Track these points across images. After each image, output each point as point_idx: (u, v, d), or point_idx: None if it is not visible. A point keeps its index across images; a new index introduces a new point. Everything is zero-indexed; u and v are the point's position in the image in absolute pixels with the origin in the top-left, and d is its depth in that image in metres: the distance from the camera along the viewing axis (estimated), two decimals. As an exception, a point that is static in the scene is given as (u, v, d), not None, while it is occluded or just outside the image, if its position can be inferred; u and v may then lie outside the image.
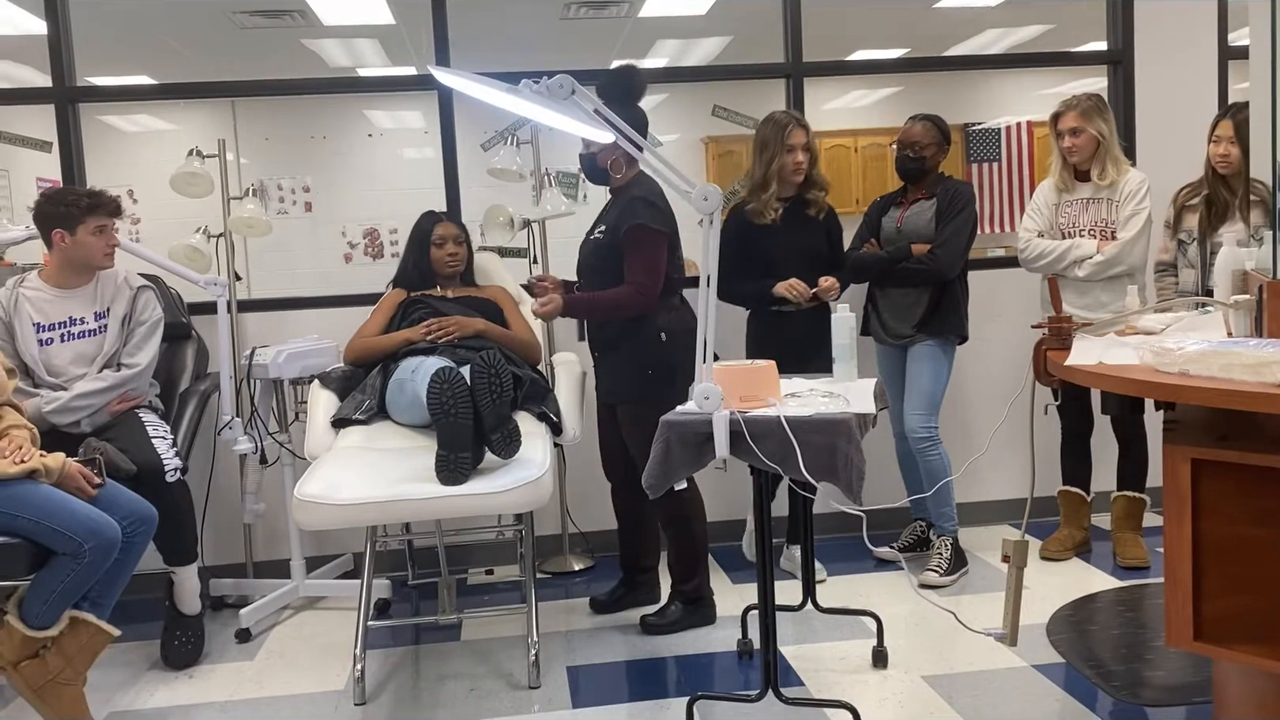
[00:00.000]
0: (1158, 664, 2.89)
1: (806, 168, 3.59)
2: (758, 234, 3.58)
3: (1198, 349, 1.85)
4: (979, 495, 4.29)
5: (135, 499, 2.84)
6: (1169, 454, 1.90)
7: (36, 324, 3.23)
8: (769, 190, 3.56)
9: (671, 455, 2.43)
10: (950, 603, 3.38)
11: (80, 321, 3.28)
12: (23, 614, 2.66)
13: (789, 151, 3.53)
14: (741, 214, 3.63)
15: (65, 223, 3.20)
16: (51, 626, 2.68)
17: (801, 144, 3.55)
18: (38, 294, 3.28)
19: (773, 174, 3.55)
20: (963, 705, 2.70)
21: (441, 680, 3.06)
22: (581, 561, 4.08)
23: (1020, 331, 4.05)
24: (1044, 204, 3.73)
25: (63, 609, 2.69)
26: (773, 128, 3.57)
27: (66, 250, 3.23)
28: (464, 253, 3.66)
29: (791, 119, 3.58)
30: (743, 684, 2.94)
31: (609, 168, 3.30)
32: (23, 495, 2.59)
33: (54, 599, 2.65)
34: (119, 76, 6.59)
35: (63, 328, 3.26)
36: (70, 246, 3.22)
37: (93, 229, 3.22)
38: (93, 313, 3.30)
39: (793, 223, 3.60)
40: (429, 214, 3.70)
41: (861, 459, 2.35)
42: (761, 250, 3.58)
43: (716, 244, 2.40)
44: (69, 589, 2.65)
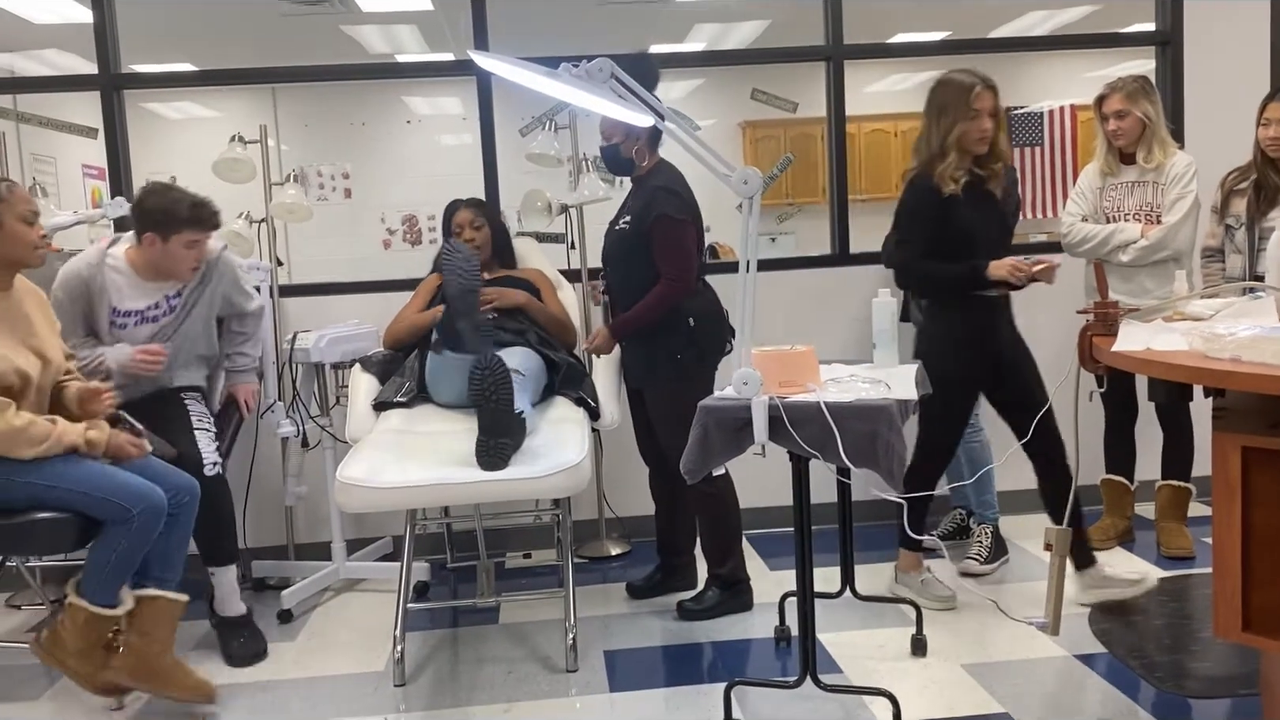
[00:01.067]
0: (1203, 655, 2.84)
1: (993, 135, 3.18)
2: (949, 207, 3.16)
3: (1249, 335, 1.81)
4: (1020, 483, 4.20)
5: (175, 471, 2.87)
6: (1219, 442, 1.87)
7: (114, 308, 3.17)
8: (947, 160, 3.14)
9: (710, 440, 2.42)
10: (990, 591, 3.35)
11: (155, 307, 3.22)
12: (82, 593, 2.67)
13: (974, 118, 3.12)
14: (926, 184, 3.17)
15: (162, 228, 3.10)
16: (116, 605, 2.68)
17: (989, 109, 3.14)
18: (120, 276, 3.19)
19: (952, 143, 3.13)
20: (1003, 694, 2.68)
21: (480, 663, 3.08)
22: (619, 546, 4.09)
23: (1065, 317, 3.99)
24: (1088, 188, 3.67)
25: (120, 583, 2.69)
26: (955, 90, 3.15)
27: (154, 254, 3.15)
28: (483, 236, 3.65)
29: (977, 80, 3.15)
30: (780, 671, 2.93)
31: (634, 156, 3.30)
32: (70, 469, 2.62)
33: (109, 572, 2.66)
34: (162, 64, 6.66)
35: (138, 314, 3.21)
36: (159, 252, 3.13)
37: (186, 241, 3.13)
38: (165, 297, 3.23)
39: (976, 195, 3.20)
40: (451, 203, 3.74)
41: (903, 445, 2.33)
42: (958, 226, 3.17)
43: (756, 228, 2.38)
44: (122, 560, 2.65)
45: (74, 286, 3.14)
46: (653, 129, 3.17)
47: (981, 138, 3.13)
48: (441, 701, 2.84)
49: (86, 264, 3.17)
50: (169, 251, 3.12)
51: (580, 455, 2.85)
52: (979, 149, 3.16)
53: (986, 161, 3.19)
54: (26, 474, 2.59)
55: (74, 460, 2.65)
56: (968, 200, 3.14)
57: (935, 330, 3.29)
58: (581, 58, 2.41)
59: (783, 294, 4.11)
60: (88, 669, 2.69)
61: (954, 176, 3.12)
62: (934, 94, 3.21)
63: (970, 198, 3.15)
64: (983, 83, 3.15)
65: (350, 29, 6.95)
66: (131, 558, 2.68)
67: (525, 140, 4.18)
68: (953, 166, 3.12)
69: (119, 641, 2.69)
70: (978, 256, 3.13)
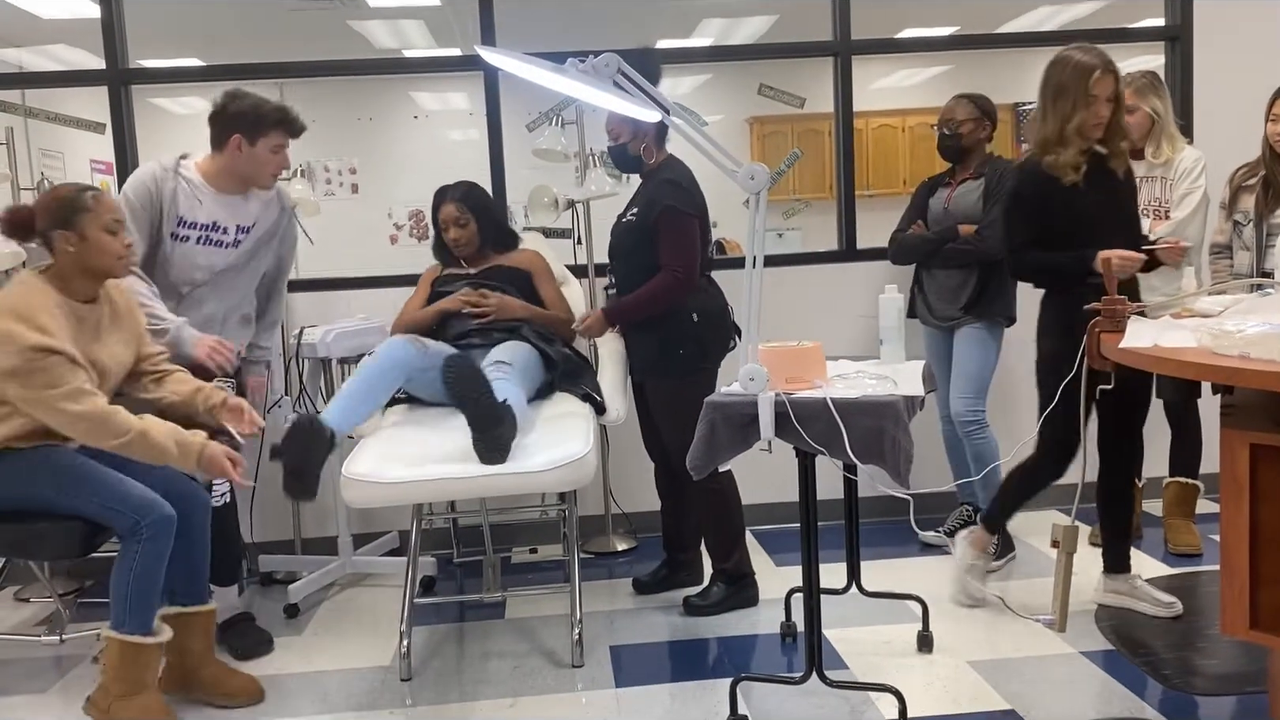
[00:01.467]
0: (1209, 652, 2.83)
1: (1108, 120, 2.95)
2: (1070, 196, 2.96)
3: (1258, 331, 1.81)
4: (1027, 480, 4.22)
5: (184, 479, 2.82)
6: (1227, 439, 1.87)
7: (180, 217, 3.02)
8: (1068, 149, 2.93)
9: (716, 436, 2.42)
10: (997, 588, 3.35)
11: (223, 230, 3.09)
12: (113, 627, 2.60)
13: (1091, 104, 2.90)
14: (1037, 172, 3.00)
15: (250, 129, 3.00)
16: (152, 633, 2.62)
17: (1108, 94, 2.92)
18: (192, 186, 3.06)
19: (1072, 132, 2.92)
20: (1009, 691, 2.68)
21: (485, 657, 3.08)
22: (625, 542, 4.09)
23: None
24: (1097, 184, 3.65)
25: (148, 607, 2.61)
26: (1073, 73, 2.91)
27: (237, 158, 3.04)
28: (468, 234, 3.54)
29: (1098, 63, 2.90)
30: (786, 666, 2.93)
31: (641, 154, 3.30)
32: (82, 474, 2.60)
33: (133, 596, 2.58)
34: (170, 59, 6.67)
35: (204, 230, 3.06)
36: (243, 156, 3.03)
37: (273, 145, 3.04)
38: (236, 225, 3.11)
39: (1098, 179, 2.98)
40: (438, 192, 3.62)
41: (909, 442, 2.32)
42: (1078, 216, 2.97)
43: (763, 224, 2.37)
44: (141, 581, 2.58)
45: (145, 192, 3.01)
46: (660, 125, 3.17)
47: (1098, 125, 2.93)
48: (447, 696, 2.84)
49: (160, 167, 3.05)
50: (255, 155, 3.03)
51: (585, 448, 2.85)
52: (1095, 135, 2.95)
53: (1109, 140, 2.98)
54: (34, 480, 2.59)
55: (90, 464, 2.62)
56: (1089, 187, 2.94)
57: (1048, 319, 3.08)
58: (588, 53, 2.41)
59: (790, 290, 4.10)
60: (130, 716, 2.61)
61: (1074, 165, 2.93)
62: (1050, 74, 2.98)
63: (1092, 184, 2.95)
64: (1103, 66, 2.90)
65: (357, 24, 6.95)
66: (151, 577, 2.60)
67: (532, 135, 4.18)
68: (1073, 155, 2.93)
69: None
70: (1101, 243, 2.85)
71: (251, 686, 2.85)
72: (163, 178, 3.03)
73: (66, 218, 2.57)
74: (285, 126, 3.05)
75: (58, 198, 2.62)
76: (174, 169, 3.06)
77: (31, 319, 2.49)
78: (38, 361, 2.46)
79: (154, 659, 2.66)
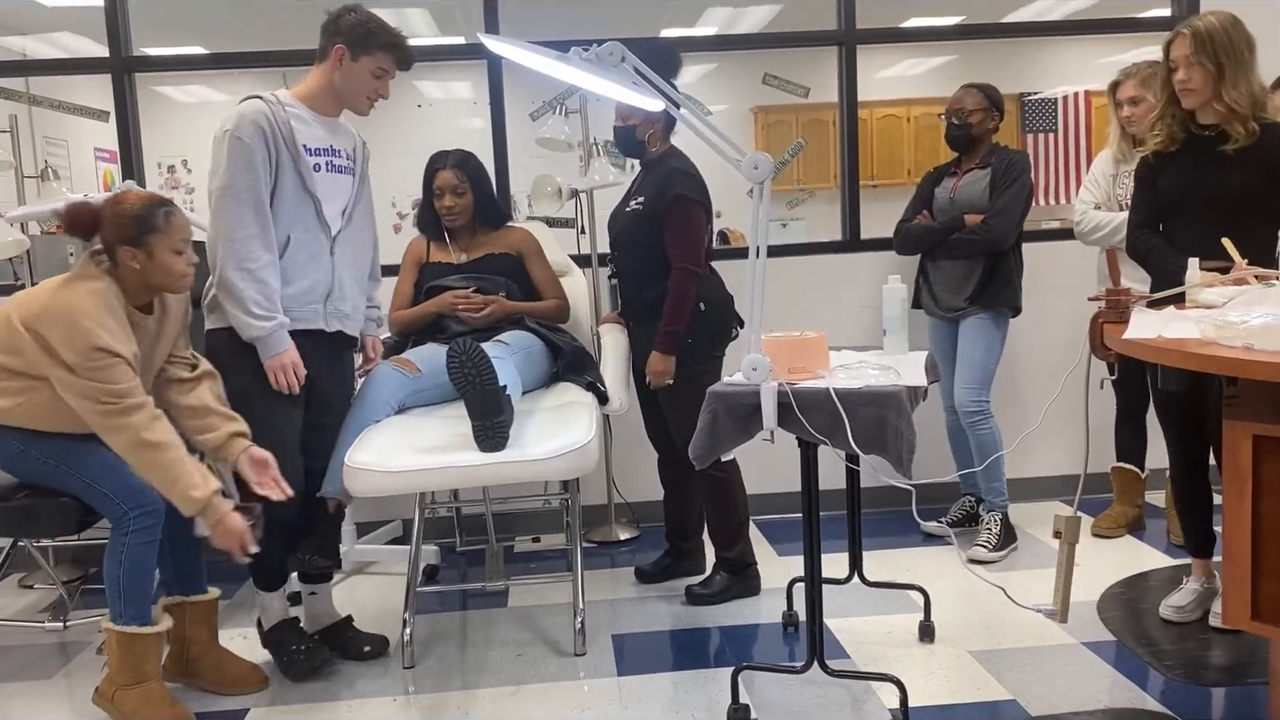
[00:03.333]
0: (1211, 643, 2.84)
1: (1199, 88, 2.75)
2: (1156, 170, 2.89)
3: (1262, 323, 1.80)
4: (1030, 471, 4.23)
5: None
6: (1230, 430, 1.86)
7: (304, 146, 2.80)
8: (1161, 121, 2.85)
9: (719, 426, 2.42)
10: (999, 578, 3.35)
11: (339, 154, 2.91)
12: (112, 618, 2.60)
13: (1172, 69, 2.78)
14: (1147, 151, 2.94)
15: (358, 44, 2.81)
16: (150, 622, 2.62)
17: (1184, 56, 2.74)
18: (297, 109, 2.84)
19: (1161, 100, 2.86)
20: (1011, 681, 2.68)
21: (488, 645, 3.09)
22: (627, 531, 4.10)
23: (1076, 305, 3.98)
24: (1101, 175, 3.65)
25: (143, 596, 2.60)
26: (1167, 43, 2.80)
27: (336, 74, 2.84)
28: (464, 203, 3.39)
29: (1177, 30, 2.78)
30: (788, 656, 2.94)
31: (646, 140, 3.29)
32: (82, 453, 2.61)
33: (126, 586, 2.58)
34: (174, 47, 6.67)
35: (327, 155, 2.88)
36: (343, 70, 2.83)
37: (377, 67, 2.85)
38: (345, 149, 2.95)
39: (1196, 158, 2.82)
40: (436, 155, 3.47)
41: (912, 432, 2.32)
42: (1161, 193, 2.89)
43: (767, 213, 2.37)
44: (133, 570, 2.58)
45: (260, 131, 2.72)
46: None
47: (1180, 90, 2.77)
48: (450, 683, 2.85)
49: (261, 102, 2.77)
50: (355, 71, 2.83)
51: (588, 436, 2.85)
52: (1185, 102, 2.78)
53: (1223, 117, 2.75)
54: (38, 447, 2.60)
55: (94, 448, 2.60)
56: (1180, 163, 2.83)
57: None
58: (593, 42, 2.40)
59: (793, 280, 4.10)
60: (133, 704, 2.62)
61: (1156, 133, 2.86)
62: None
63: (1185, 161, 2.82)
64: (1181, 31, 2.76)
65: (361, 12, 6.94)
66: (142, 567, 2.60)
67: (536, 125, 4.17)
68: (1158, 123, 2.85)
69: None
70: (1184, 232, 2.81)
71: (255, 675, 2.86)
72: (271, 110, 2.76)
73: (136, 235, 2.55)
74: (394, 52, 2.85)
75: (132, 215, 2.56)
76: (276, 100, 2.80)
77: (99, 318, 2.48)
78: (98, 361, 2.46)
79: (154, 648, 2.66)
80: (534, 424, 2.93)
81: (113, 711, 2.65)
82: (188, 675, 2.84)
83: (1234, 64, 2.72)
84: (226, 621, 3.32)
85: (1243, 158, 2.74)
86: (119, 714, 2.64)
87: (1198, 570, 3.04)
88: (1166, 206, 2.89)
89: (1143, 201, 2.95)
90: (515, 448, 2.80)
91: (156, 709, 2.63)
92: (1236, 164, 2.75)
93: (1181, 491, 2.99)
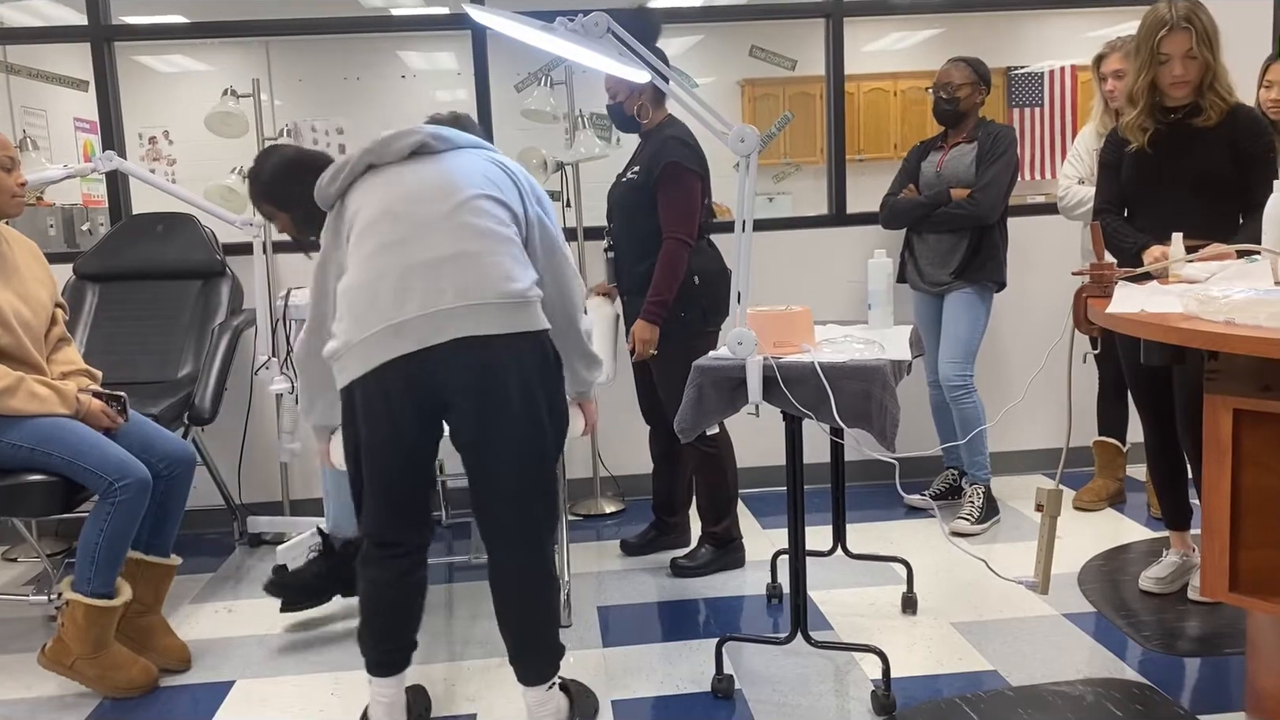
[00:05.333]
0: (1190, 614, 2.87)
1: (1194, 80, 2.73)
2: (1135, 160, 2.87)
3: (1244, 297, 1.81)
4: (1013, 444, 4.26)
5: (171, 439, 2.86)
6: (1210, 404, 1.88)
7: None
8: (1137, 108, 2.81)
9: (705, 400, 2.43)
10: (981, 551, 3.38)
11: None
12: (76, 587, 2.62)
13: (1164, 63, 2.72)
14: (1114, 134, 2.96)
15: None
16: (113, 595, 2.64)
17: (1182, 52, 2.70)
18: None
19: (1140, 91, 2.79)
20: (992, 652, 2.71)
21: (474, 618, 3.10)
22: (613, 504, 4.11)
23: (1060, 280, 4.01)
24: (1085, 150, 3.65)
25: (113, 570, 2.64)
26: (1146, 27, 2.75)
27: None
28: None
29: (1171, 18, 2.69)
30: (771, 627, 2.96)
31: (637, 113, 3.27)
32: (59, 434, 2.61)
33: (101, 556, 2.60)
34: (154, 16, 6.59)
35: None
36: None
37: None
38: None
39: (1172, 146, 2.80)
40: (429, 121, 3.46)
41: (896, 406, 2.33)
42: (1140, 183, 2.88)
43: (753, 187, 2.36)
44: (111, 543, 2.61)
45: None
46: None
47: (1173, 84, 2.74)
48: (435, 655, 2.86)
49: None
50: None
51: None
52: (1174, 95, 2.76)
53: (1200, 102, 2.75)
54: (11, 434, 2.59)
55: (67, 424, 2.64)
56: (1156, 154, 2.81)
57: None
58: (578, 12, 2.38)
59: (779, 254, 4.10)
60: (96, 670, 2.65)
61: (1141, 126, 2.81)
62: (1139, 27, 2.81)
63: (1162, 151, 2.81)
64: (1175, 21, 2.69)
65: (344, -18, 6.86)
66: (121, 539, 2.63)
67: (521, 96, 4.14)
68: (1141, 117, 2.81)
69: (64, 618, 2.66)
70: (1153, 214, 2.81)
71: (180, 653, 2.85)
72: None
73: None
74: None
75: None
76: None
77: None
78: None
79: (114, 619, 2.68)
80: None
81: (74, 677, 2.66)
82: (118, 631, 2.78)
83: (1218, 51, 2.74)
84: (210, 595, 3.34)
85: (1208, 137, 2.74)
86: (82, 680, 2.66)
87: (1176, 543, 3.07)
88: (1134, 188, 2.90)
89: (1105, 185, 2.96)
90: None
91: (123, 670, 2.67)
92: (1202, 143, 2.75)
93: (1156, 465, 3.02)
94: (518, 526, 2.25)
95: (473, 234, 2.17)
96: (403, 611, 2.32)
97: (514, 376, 2.15)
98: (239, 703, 2.65)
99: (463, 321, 2.11)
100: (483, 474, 2.22)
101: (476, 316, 2.12)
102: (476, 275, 2.14)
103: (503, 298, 2.14)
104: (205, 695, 2.70)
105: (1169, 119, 2.80)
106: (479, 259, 2.15)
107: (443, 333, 2.11)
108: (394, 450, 2.20)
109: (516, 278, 2.18)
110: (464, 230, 2.17)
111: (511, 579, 2.28)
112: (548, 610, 2.31)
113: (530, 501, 2.23)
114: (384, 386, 2.13)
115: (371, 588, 2.30)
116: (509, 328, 2.15)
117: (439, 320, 2.11)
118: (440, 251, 2.14)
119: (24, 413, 2.60)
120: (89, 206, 6.29)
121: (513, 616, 2.30)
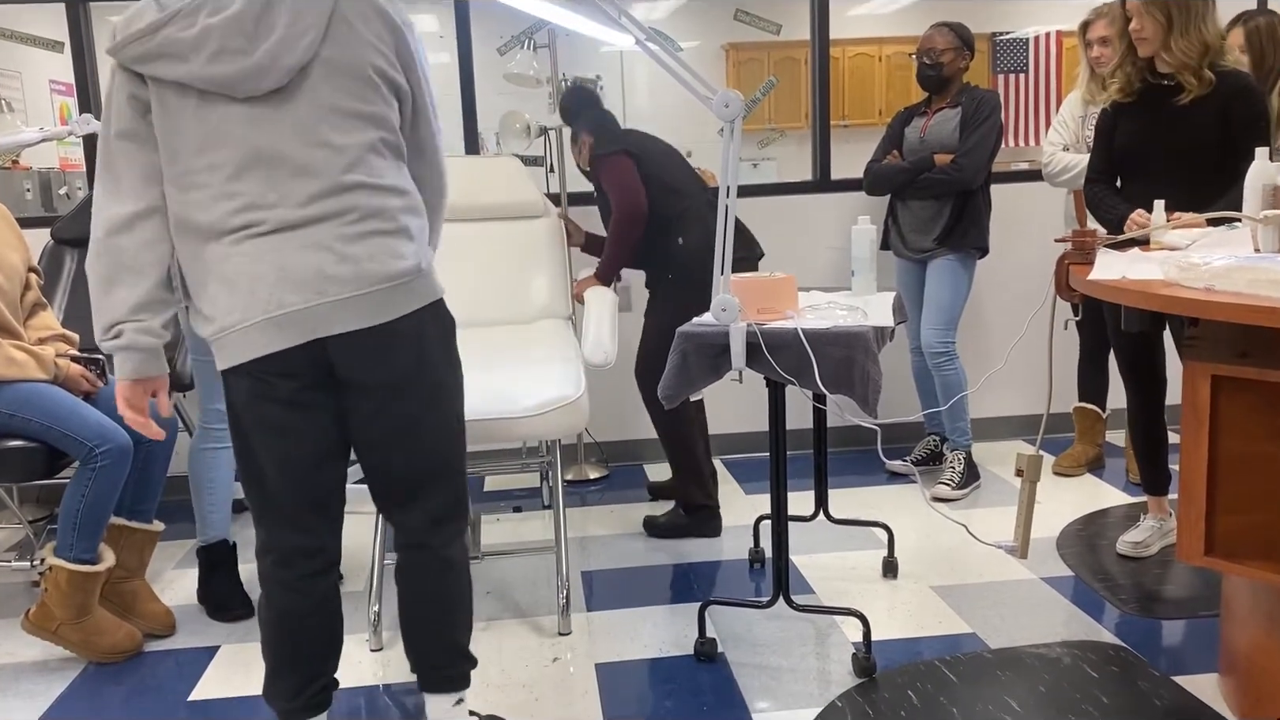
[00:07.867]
0: (1166, 578, 2.91)
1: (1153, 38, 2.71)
2: (1115, 120, 2.89)
3: (1224, 264, 1.82)
4: (993, 410, 4.29)
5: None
6: (1189, 370, 1.89)
7: None
8: (1121, 70, 2.83)
9: (689, 366, 2.43)
10: (962, 516, 3.41)
11: None
12: (59, 552, 2.63)
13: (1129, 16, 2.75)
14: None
15: None
16: (96, 561, 2.65)
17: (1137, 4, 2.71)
18: None
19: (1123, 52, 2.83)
20: (971, 616, 2.74)
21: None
22: (597, 471, 4.13)
23: (1043, 246, 4.02)
24: (1070, 116, 3.65)
25: (96, 535, 2.64)
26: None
27: None
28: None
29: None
30: (754, 591, 2.99)
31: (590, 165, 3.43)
32: (37, 400, 2.60)
33: (82, 522, 2.61)
34: (129, -24, 6.49)
35: None
36: None
37: None
38: None
39: (1153, 110, 2.79)
40: None
41: (879, 372, 2.34)
42: (1118, 144, 2.89)
43: (737, 153, 2.35)
44: (93, 509, 2.61)
45: None
46: (598, 128, 3.34)
47: (1137, 41, 2.74)
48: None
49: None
50: None
51: (578, 391, 2.75)
52: (1142, 52, 2.75)
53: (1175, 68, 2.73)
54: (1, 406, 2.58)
55: (45, 390, 2.63)
56: (1137, 115, 2.82)
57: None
58: (561, -26, 2.36)
59: (763, 220, 4.09)
60: (80, 636, 2.65)
61: (1114, 80, 2.84)
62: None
63: (1142, 113, 2.82)
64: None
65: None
66: (102, 505, 2.62)
67: (504, 60, 4.11)
68: (1117, 70, 2.83)
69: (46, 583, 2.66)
70: (1142, 183, 2.83)
71: (165, 619, 2.85)
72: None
73: None
74: None
75: None
76: None
77: None
78: None
79: (97, 584, 2.68)
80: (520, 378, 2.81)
81: (58, 642, 2.67)
82: (104, 596, 2.79)
83: (1183, 14, 2.68)
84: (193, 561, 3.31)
85: (1197, 108, 2.73)
86: (66, 645, 2.67)
87: (1153, 508, 3.11)
88: (1124, 159, 2.90)
89: (1099, 155, 2.96)
90: (500, 402, 2.67)
91: (107, 635, 2.67)
92: (1191, 115, 2.74)
93: (1139, 431, 3.05)
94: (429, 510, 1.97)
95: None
96: (329, 640, 1.96)
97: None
98: (223, 667, 2.66)
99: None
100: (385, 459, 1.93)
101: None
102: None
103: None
104: (190, 660, 2.70)
105: (1161, 84, 2.79)
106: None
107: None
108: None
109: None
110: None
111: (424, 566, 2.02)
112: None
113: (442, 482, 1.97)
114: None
115: (285, 621, 1.88)
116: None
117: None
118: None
119: (1, 378, 2.58)
120: (66, 170, 6.21)
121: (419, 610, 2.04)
